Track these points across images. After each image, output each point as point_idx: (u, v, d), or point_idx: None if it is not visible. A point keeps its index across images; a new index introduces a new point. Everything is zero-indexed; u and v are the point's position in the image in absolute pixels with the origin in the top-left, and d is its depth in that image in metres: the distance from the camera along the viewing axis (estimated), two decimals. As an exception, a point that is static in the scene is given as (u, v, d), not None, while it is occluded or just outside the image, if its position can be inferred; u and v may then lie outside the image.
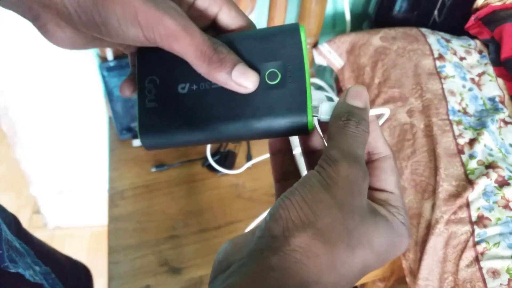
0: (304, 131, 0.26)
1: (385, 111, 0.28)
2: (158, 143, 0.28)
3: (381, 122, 0.29)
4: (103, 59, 0.81)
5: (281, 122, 0.26)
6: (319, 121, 0.27)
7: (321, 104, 0.26)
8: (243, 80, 0.25)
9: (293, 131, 0.26)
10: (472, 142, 0.65)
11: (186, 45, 0.25)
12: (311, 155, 0.29)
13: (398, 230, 0.24)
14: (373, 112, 0.27)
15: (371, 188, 0.26)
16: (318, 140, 0.29)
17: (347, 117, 0.24)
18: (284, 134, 0.27)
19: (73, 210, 1.31)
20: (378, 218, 0.23)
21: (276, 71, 0.26)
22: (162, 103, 0.27)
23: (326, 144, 0.27)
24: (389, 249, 0.24)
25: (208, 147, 0.78)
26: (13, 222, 0.63)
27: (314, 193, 0.22)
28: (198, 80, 0.27)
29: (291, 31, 0.27)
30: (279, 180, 0.30)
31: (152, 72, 0.28)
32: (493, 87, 0.74)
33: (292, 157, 0.30)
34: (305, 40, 0.27)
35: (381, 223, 0.23)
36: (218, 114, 0.26)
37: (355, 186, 0.22)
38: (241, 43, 0.27)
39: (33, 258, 0.45)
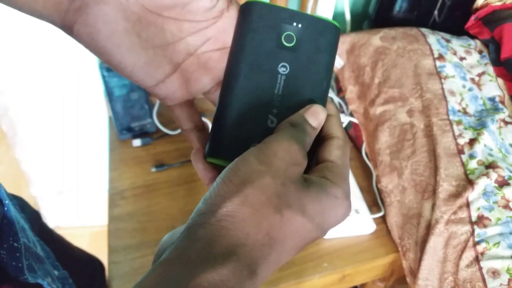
0: None
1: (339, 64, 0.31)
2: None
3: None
4: (103, 59, 0.81)
5: None
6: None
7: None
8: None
9: None
10: (472, 142, 0.65)
11: None
12: None
13: (332, 193, 0.24)
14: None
15: (316, 163, 0.27)
16: None
17: (298, 128, 0.26)
18: None
19: (73, 210, 1.31)
20: (310, 183, 0.24)
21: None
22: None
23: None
24: (325, 212, 0.24)
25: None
26: (36, 219, 0.63)
27: (248, 165, 0.23)
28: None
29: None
30: None
31: None
32: (493, 87, 0.74)
33: None
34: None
35: (313, 187, 0.24)
36: None
37: (293, 158, 0.23)
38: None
39: (53, 261, 0.44)
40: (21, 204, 0.62)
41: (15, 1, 0.22)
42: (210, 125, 0.81)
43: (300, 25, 0.28)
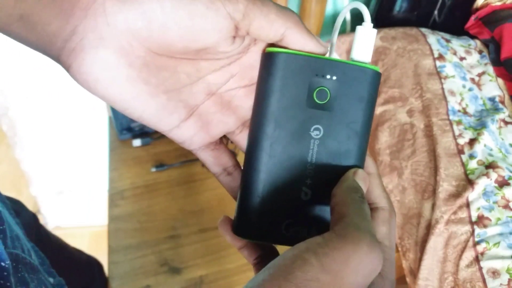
0: None
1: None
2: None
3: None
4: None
5: None
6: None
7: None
8: None
9: None
10: (472, 142, 0.65)
11: None
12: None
13: None
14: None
15: None
16: None
17: (361, 195, 0.22)
18: None
19: (73, 210, 1.31)
20: None
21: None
22: None
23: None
24: None
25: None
26: (32, 223, 0.63)
27: (307, 270, 0.18)
28: None
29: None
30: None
31: None
32: (493, 87, 0.74)
33: None
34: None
35: None
36: None
37: (369, 271, 0.19)
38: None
39: (48, 268, 0.44)
40: (17, 208, 0.61)
41: (8, 30, 0.19)
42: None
43: (334, 77, 0.24)
